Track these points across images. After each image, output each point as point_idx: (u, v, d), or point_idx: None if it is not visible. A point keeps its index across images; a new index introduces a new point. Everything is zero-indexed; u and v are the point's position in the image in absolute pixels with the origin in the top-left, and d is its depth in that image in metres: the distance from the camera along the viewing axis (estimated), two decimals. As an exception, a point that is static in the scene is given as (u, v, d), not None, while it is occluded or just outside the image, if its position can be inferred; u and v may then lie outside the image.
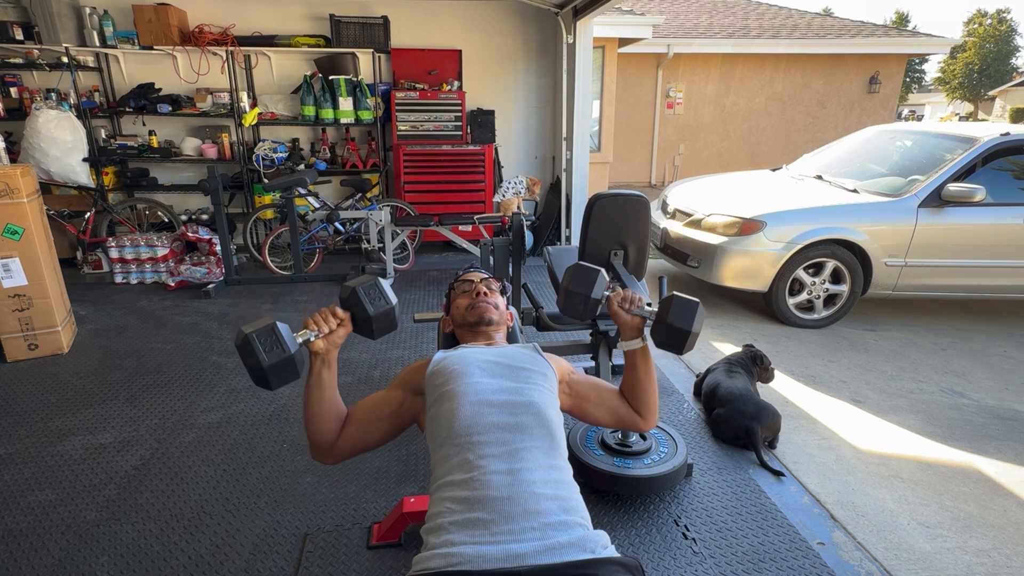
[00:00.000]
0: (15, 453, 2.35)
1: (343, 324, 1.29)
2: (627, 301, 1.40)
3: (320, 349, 1.26)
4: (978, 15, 31.18)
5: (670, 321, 1.31)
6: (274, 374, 1.15)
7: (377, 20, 5.17)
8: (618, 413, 1.44)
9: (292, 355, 1.16)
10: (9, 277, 3.06)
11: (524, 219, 3.21)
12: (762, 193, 4.43)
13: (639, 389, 1.43)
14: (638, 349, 1.41)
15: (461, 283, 1.68)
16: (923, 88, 37.71)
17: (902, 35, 11.87)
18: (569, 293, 1.43)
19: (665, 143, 11.23)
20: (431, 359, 1.41)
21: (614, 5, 4.77)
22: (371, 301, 1.29)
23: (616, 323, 1.42)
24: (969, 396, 3.16)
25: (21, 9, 4.90)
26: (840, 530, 2.07)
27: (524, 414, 1.22)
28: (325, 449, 1.32)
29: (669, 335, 1.32)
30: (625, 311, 1.40)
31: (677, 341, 1.32)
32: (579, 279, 1.42)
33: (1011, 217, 3.80)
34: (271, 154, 5.22)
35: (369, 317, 1.28)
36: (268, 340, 1.15)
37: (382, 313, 1.30)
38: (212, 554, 1.83)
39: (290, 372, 1.17)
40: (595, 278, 1.42)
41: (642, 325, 1.41)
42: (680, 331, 1.30)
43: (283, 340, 1.16)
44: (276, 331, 1.16)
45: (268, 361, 1.14)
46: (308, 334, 1.24)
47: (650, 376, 1.43)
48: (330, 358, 1.28)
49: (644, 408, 1.43)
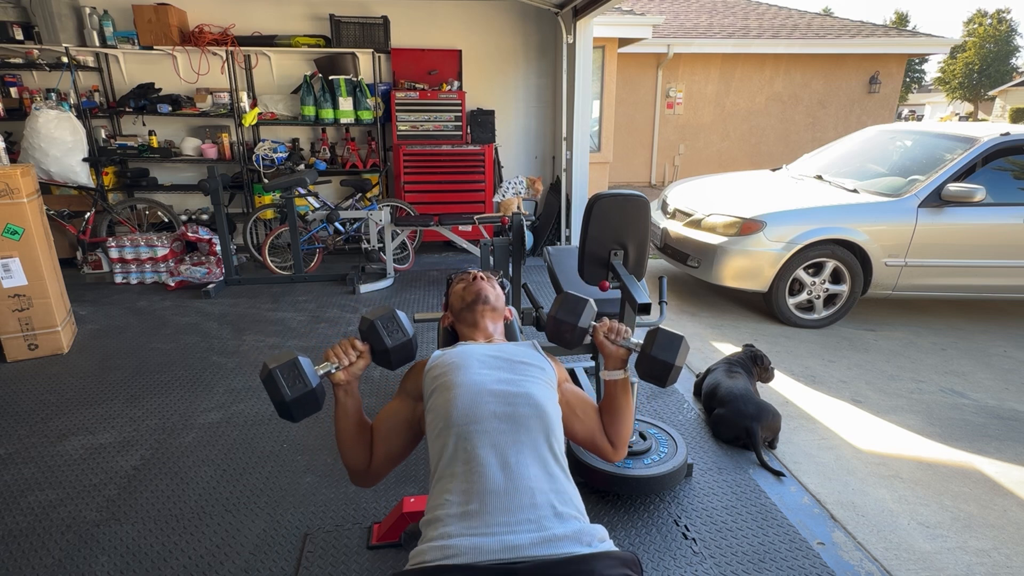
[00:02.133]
0: (15, 453, 2.35)
1: (362, 356, 1.32)
2: (613, 332, 1.42)
3: (341, 381, 1.29)
4: (978, 15, 31.18)
5: (654, 354, 1.32)
6: (297, 407, 1.20)
7: (377, 20, 5.17)
8: (594, 436, 1.45)
9: (313, 389, 1.21)
10: (9, 277, 3.06)
11: (524, 219, 3.21)
12: (762, 193, 4.43)
13: (615, 419, 1.43)
14: (619, 380, 1.42)
15: (458, 275, 1.72)
16: (923, 88, 37.71)
17: (902, 35, 11.87)
18: (557, 321, 1.45)
19: (665, 143, 11.22)
20: (428, 359, 1.41)
21: (614, 5, 4.77)
22: (389, 334, 1.33)
23: (601, 353, 1.44)
24: (969, 396, 3.16)
25: (21, 9, 4.90)
26: (840, 530, 2.07)
27: (522, 405, 1.23)
28: (363, 473, 1.36)
29: (653, 367, 1.34)
30: (611, 342, 1.41)
31: (660, 374, 1.34)
32: (567, 308, 1.45)
33: (1011, 217, 3.80)
34: (271, 154, 5.22)
35: (387, 350, 1.32)
36: (291, 374, 1.20)
37: (400, 345, 1.34)
38: (212, 554, 1.83)
39: (311, 405, 1.22)
40: (583, 308, 1.44)
41: (627, 356, 1.42)
42: (664, 364, 1.32)
43: (305, 374, 1.21)
44: (298, 365, 1.21)
45: (291, 396, 1.18)
46: (329, 366, 1.28)
47: (628, 408, 1.44)
48: (352, 388, 1.31)
49: (616, 438, 1.44)
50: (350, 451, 1.33)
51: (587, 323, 1.45)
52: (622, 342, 1.40)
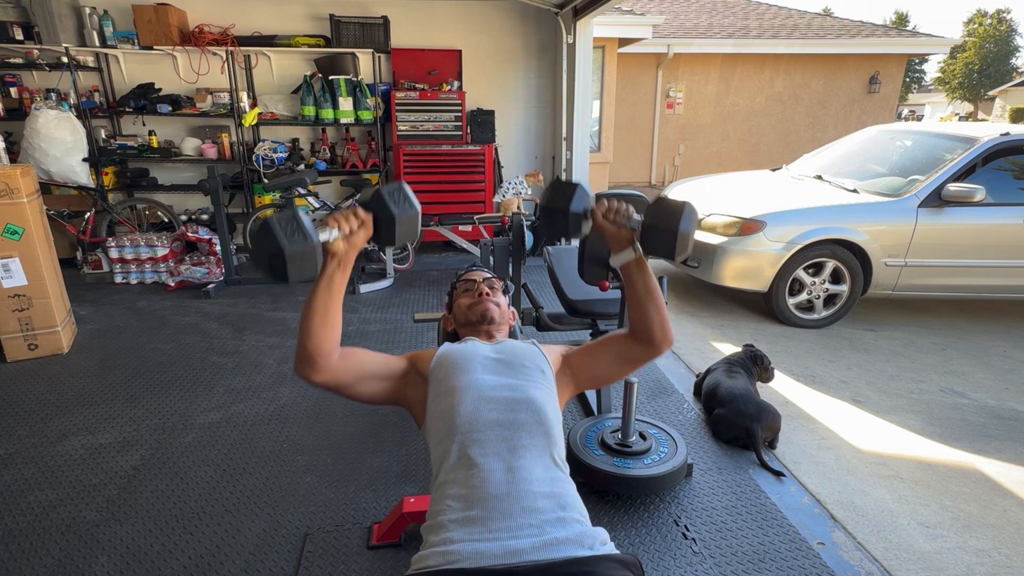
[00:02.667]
0: (15, 453, 2.35)
1: (364, 226, 1.23)
2: (612, 211, 1.33)
3: (339, 251, 1.19)
4: (978, 15, 31.19)
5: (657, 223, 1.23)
6: (293, 263, 1.08)
7: (377, 20, 5.17)
8: (628, 354, 1.37)
9: (314, 244, 1.10)
10: (9, 277, 3.06)
11: (524, 219, 3.21)
12: (762, 193, 4.43)
13: (643, 305, 1.33)
14: (632, 261, 1.32)
15: (463, 282, 1.68)
16: (923, 88, 37.70)
17: (902, 35, 11.87)
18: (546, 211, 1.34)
19: (665, 143, 11.22)
20: (436, 350, 1.40)
21: (614, 5, 4.77)
22: (396, 203, 1.23)
23: (604, 237, 1.35)
24: (969, 396, 3.16)
25: (21, 9, 4.90)
26: (840, 530, 2.07)
27: (523, 411, 1.23)
28: (314, 361, 1.23)
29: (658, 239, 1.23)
30: (611, 222, 1.33)
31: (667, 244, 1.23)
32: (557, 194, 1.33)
33: (1011, 217, 3.80)
34: (271, 154, 5.22)
35: (393, 218, 1.22)
36: (290, 227, 1.08)
37: (407, 217, 1.24)
38: (212, 554, 1.83)
39: (309, 263, 1.10)
40: (574, 191, 1.32)
41: (631, 236, 1.32)
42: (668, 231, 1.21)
43: (306, 229, 1.09)
44: (298, 219, 1.09)
45: (290, 247, 1.06)
46: (329, 232, 1.16)
47: (651, 290, 1.33)
48: (347, 262, 1.22)
49: (652, 326, 1.32)
50: (317, 330, 1.21)
51: (580, 207, 1.32)
52: (623, 221, 1.32)
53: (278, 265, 1.07)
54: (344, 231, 1.19)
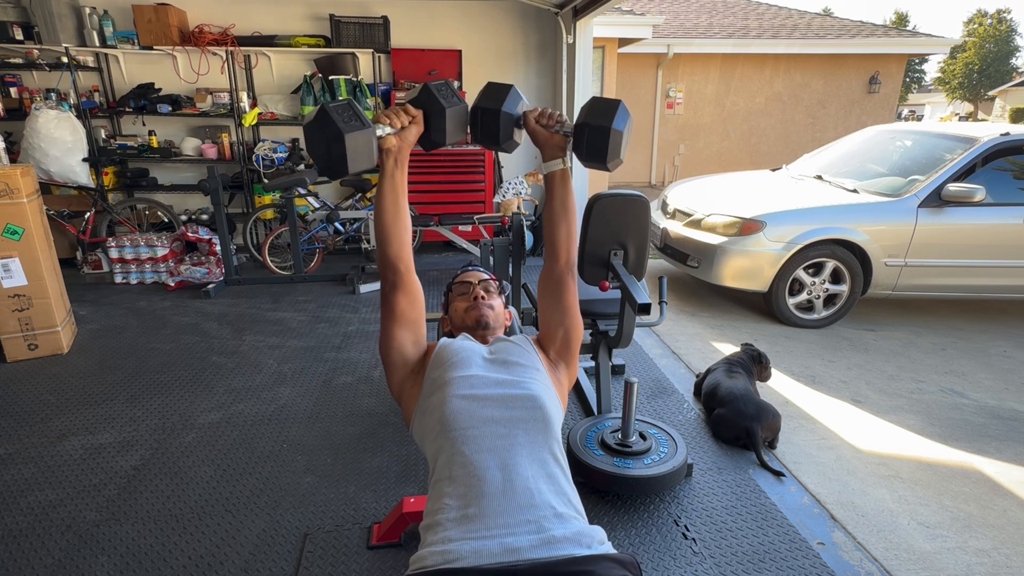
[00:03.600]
0: (15, 453, 2.35)
1: (415, 121, 1.23)
2: (545, 116, 1.32)
3: (392, 146, 1.20)
4: (978, 15, 31.17)
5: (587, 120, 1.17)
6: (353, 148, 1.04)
7: (377, 20, 5.17)
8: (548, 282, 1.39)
9: (372, 129, 1.07)
10: (9, 277, 3.06)
11: (524, 219, 3.21)
12: (762, 193, 4.43)
13: (556, 218, 1.35)
14: (557, 171, 1.33)
15: (459, 284, 1.67)
16: (923, 88, 37.70)
17: (902, 35, 11.88)
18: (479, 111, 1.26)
19: (665, 143, 11.23)
20: (437, 342, 1.40)
21: (614, 5, 4.77)
22: (444, 97, 1.21)
23: (535, 142, 1.34)
24: (969, 396, 3.16)
25: (21, 9, 4.90)
26: (840, 530, 2.07)
27: (519, 407, 1.22)
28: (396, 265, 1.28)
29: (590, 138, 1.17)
30: (544, 127, 1.32)
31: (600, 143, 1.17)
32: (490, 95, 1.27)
33: (1011, 217, 3.80)
34: (271, 154, 5.22)
35: (443, 110, 1.19)
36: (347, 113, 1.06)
37: (457, 110, 1.21)
38: (212, 554, 1.83)
39: (366, 151, 1.07)
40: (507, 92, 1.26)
41: (563, 144, 1.32)
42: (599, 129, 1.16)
43: (362, 115, 1.07)
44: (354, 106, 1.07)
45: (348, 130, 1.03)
46: (381, 128, 1.14)
47: (567, 204, 1.35)
48: (402, 158, 1.23)
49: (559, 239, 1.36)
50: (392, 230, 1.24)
51: (513, 109, 1.27)
52: (556, 127, 1.30)
53: (337, 151, 1.03)
54: (396, 127, 1.20)
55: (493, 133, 1.27)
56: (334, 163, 1.05)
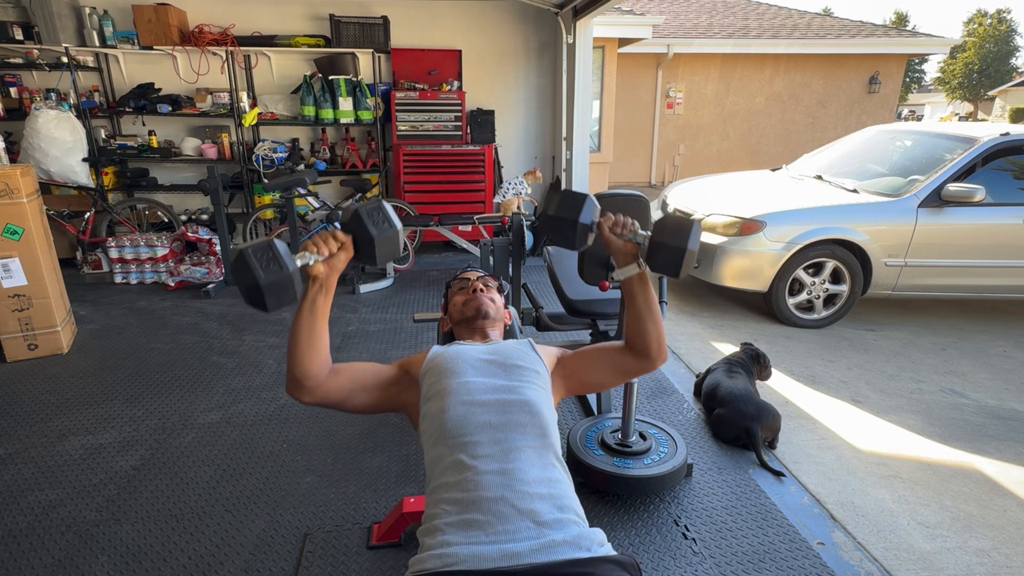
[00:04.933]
0: (15, 453, 2.35)
1: (344, 248, 1.22)
2: (619, 226, 1.34)
3: (320, 274, 1.19)
4: (978, 15, 31.16)
5: (664, 240, 1.24)
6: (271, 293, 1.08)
7: (377, 20, 5.17)
8: (622, 365, 1.38)
9: (290, 273, 1.10)
10: (9, 277, 3.06)
11: (524, 219, 3.21)
12: (762, 193, 4.43)
13: (641, 321, 1.34)
14: (635, 276, 1.34)
15: (458, 281, 1.68)
16: (923, 88, 37.70)
17: (902, 35, 11.88)
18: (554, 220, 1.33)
19: (665, 143, 11.23)
20: (427, 353, 1.40)
21: (614, 5, 4.77)
22: (375, 224, 1.22)
23: (608, 250, 1.36)
24: (969, 396, 3.16)
25: (21, 9, 4.90)
26: (840, 530, 2.07)
27: (516, 412, 1.22)
28: (302, 384, 1.24)
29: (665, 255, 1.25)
30: (617, 236, 1.34)
31: (672, 261, 1.24)
32: (566, 204, 1.33)
33: (1011, 217, 3.80)
34: (271, 154, 5.22)
35: (372, 240, 1.21)
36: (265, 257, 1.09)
37: (386, 237, 1.23)
38: (212, 554, 1.83)
39: (287, 293, 1.11)
40: (583, 202, 1.32)
41: (635, 251, 1.34)
42: (675, 249, 1.23)
43: (281, 258, 1.10)
44: (274, 248, 1.10)
45: (264, 278, 1.07)
46: (308, 257, 1.17)
47: (651, 306, 1.34)
48: (329, 284, 1.22)
49: (649, 341, 1.34)
50: (301, 356, 1.21)
51: (589, 219, 1.32)
52: (629, 235, 1.33)
53: (256, 296, 1.08)
54: (324, 254, 1.19)
55: (568, 239, 1.33)
56: (255, 304, 1.10)
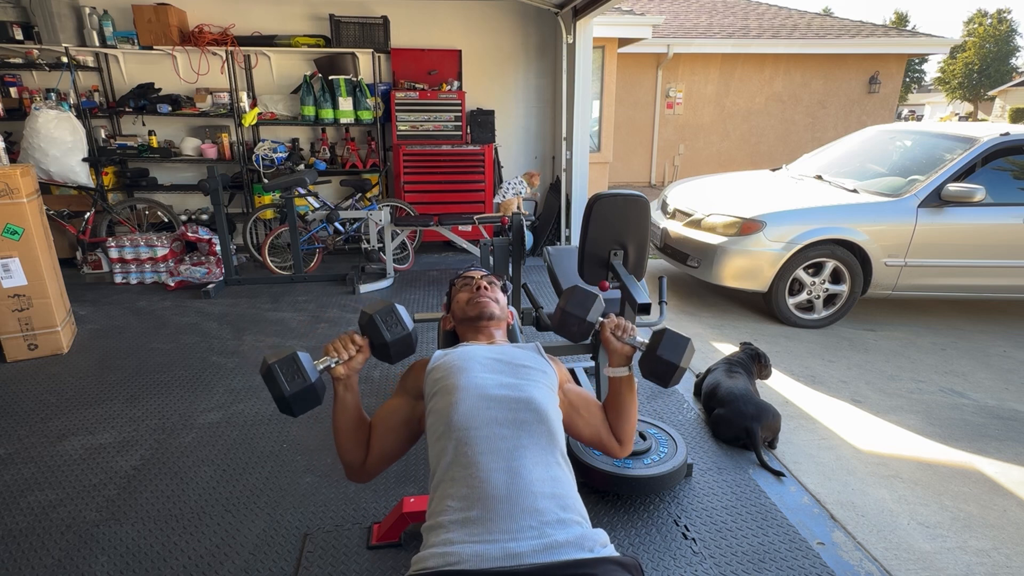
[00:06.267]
0: (15, 453, 2.35)
1: (362, 350, 1.34)
2: (620, 329, 1.43)
3: (341, 375, 1.30)
4: (978, 15, 31.16)
5: (660, 353, 1.34)
6: (297, 402, 1.21)
7: (377, 20, 5.17)
8: (599, 434, 1.46)
9: (313, 384, 1.22)
10: (9, 277, 3.05)
11: (524, 219, 3.21)
12: (762, 193, 4.43)
13: (621, 416, 1.45)
14: (624, 378, 1.43)
15: (462, 280, 1.69)
16: (923, 88, 37.69)
17: (902, 35, 11.87)
18: (566, 314, 1.47)
19: (665, 143, 11.22)
20: (430, 358, 1.41)
21: (614, 5, 4.77)
22: (388, 328, 1.34)
23: (606, 349, 1.45)
24: (969, 396, 3.16)
25: (21, 9, 4.90)
26: (840, 530, 2.07)
27: (524, 411, 1.22)
28: (359, 468, 1.37)
29: (657, 367, 1.35)
30: (617, 338, 1.42)
31: (664, 373, 1.35)
32: (577, 301, 1.47)
33: (1011, 217, 3.80)
34: (271, 154, 5.22)
35: (386, 343, 1.34)
36: (290, 370, 1.21)
37: (399, 339, 1.35)
38: (212, 554, 1.83)
39: (311, 399, 1.23)
40: (592, 303, 1.46)
41: (631, 354, 1.43)
42: (668, 364, 1.33)
43: (304, 369, 1.22)
44: (297, 360, 1.22)
45: (290, 391, 1.20)
46: (328, 361, 1.29)
47: (632, 405, 1.45)
48: (351, 383, 1.33)
49: (622, 435, 1.46)
50: (347, 446, 1.34)
51: (595, 318, 1.46)
52: (628, 340, 1.42)
53: (284, 405, 1.21)
54: (343, 357, 1.31)
55: (573, 332, 1.48)
56: (287, 412, 1.22)
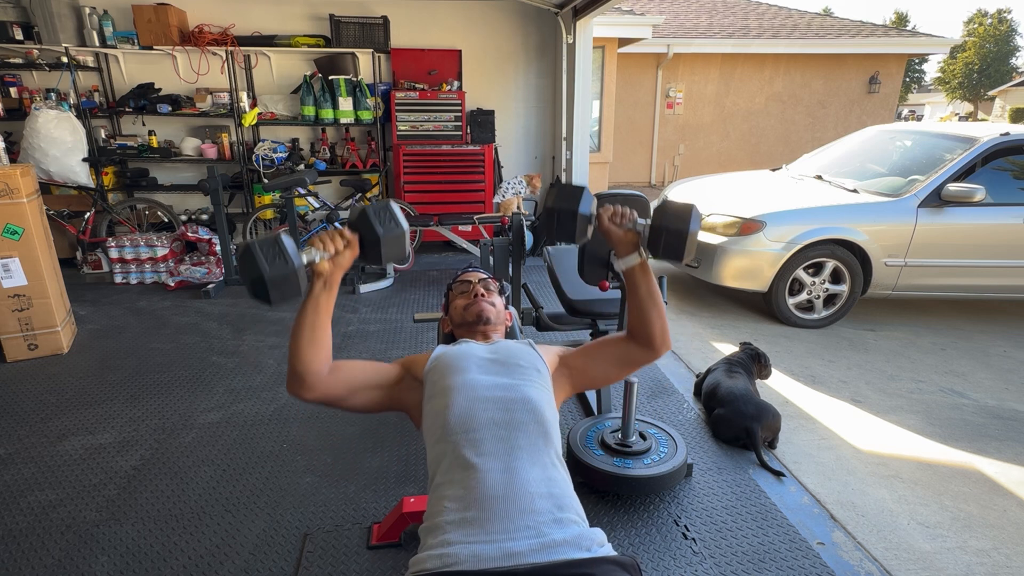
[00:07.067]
0: (15, 453, 2.35)
1: (350, 246, 1.23)
2: (618, 215, 1.35)
3: (324, 271, 1.20)
4: (978, 15, 31.16)
5: (665, 224, 1.25)
6: (275, 287, 1.10)
7: (377, 20, 5.17)
8: (626, 356, 1.39)
9: (295, 268, 1.11)
10: (9, 277, 3.05)
11: (524, 219, 3.21)
12: (762, 193, 4.43)
13: (645, 311, 1.35)
14: (637, 265, 1.35)
15: (459, 283, 1.68)
16: (923, 88, 37.69)
17: (902, 35, 11.87)
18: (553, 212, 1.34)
19: (665, 143, 11.22)
20: (431, 353, 1.41)
21: (614, 5, 4.77)
22: (381, 223, 1.23)
23: (609, 242, 1.37)
24: (969, 396, 3.16)
25: (21, 9, 4.90)
26: (840, 530, 2.07)
27: (519, 411, 1.22)
28: (303, 380, 1.24)
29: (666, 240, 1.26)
30: (617, 226, 1.34)
31: (675, 245, 1.25)
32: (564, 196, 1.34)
33: (1011, 217, 3.80)
34: (271, 154, 5.22)
35: (379, 239, 1.22)
36: (271, 251, 1.10)
37: (392, 236, 1.24)
38: (212, 554, 1.83)
39: (291, 287, 1.12)
40: (581, 194, 1.33)
41: (636, 240, 1.35)
42: (677, 232, 1.24)
43: (287, 253, 1.11)
44: (280, 243, 1.11)
45: (270, 272, 1.09)
46: (314, 253, 1.18)
47: (654, 295, 1.36)
48: (333, 280, 1.23)
49: (652, 331, 1.35)
50: (303, 352, 1.21)
51: (587, 210, 1.34)
52: (629, 224, 1.34)
53: (260, 289, 1.09)
54: (329, 251, 1.20)
55: (569, 232, 1.34)
56: (259, 297, 1.11)
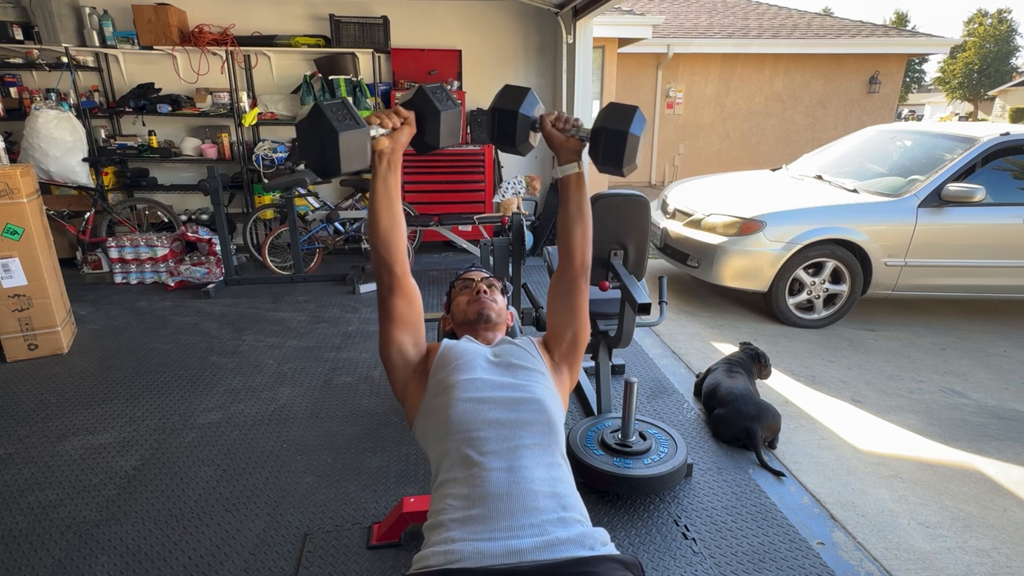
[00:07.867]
0: (15, 453, 2.35)
1: (408, 123, 1.23)
2: (562, 120, 1.33)
3: (385, 148, 1.20)
4: (978, 15, 31.16)
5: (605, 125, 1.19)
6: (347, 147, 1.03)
7: (377, 20, 5.17)
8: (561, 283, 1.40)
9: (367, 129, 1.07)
10: (9, 277, 3.05)
11: (524, 219, 3.21)
12: (762, 193, 4.43)
13: (572, 222, 1.37)
14: (573, 175, 1.34)
15: (462, 281, 1.68)
16: (923, 88, 37.70)
17: (902, 35, 11.88)
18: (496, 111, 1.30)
19: (665, 143, 11.22)
20: (440, 343, 1.40)
21: (614, 5, 4.77)
22: (439, 100, 1.21)
23: (550, 146, 1.34)
24: (969, 396, 3.16)
25: (21, 9, 4.90)
26: (840, 530, 2.07)
27: (525, 410, 1.22)
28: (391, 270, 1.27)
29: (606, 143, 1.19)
30: (560, 131, 1.33)
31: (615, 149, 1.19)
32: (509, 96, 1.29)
33: (1011, 217, 3.80)
34: (271, 154, 5.22)
35: (438, 113, 1.20)
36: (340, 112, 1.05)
37: (450, 113, 1.21)
38: (212, 554, 1.83)
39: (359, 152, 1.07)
40: (525, 95, 1.29)
41: (578, 147, 1.32)
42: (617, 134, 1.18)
43: (357, 116, 1.06)
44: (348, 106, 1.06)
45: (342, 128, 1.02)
46: (374, 129, 1.14)
47: (582, 208, 1.36)
48: (395, 159, 1.23)
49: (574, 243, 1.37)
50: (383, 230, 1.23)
51: (530, 112, 1.30)
52: (572, 131, 1.32)
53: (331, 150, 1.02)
54: (388, 127, 1.20)
55: (510, 134, 1.30)
56: (327, 161, 1.04)
